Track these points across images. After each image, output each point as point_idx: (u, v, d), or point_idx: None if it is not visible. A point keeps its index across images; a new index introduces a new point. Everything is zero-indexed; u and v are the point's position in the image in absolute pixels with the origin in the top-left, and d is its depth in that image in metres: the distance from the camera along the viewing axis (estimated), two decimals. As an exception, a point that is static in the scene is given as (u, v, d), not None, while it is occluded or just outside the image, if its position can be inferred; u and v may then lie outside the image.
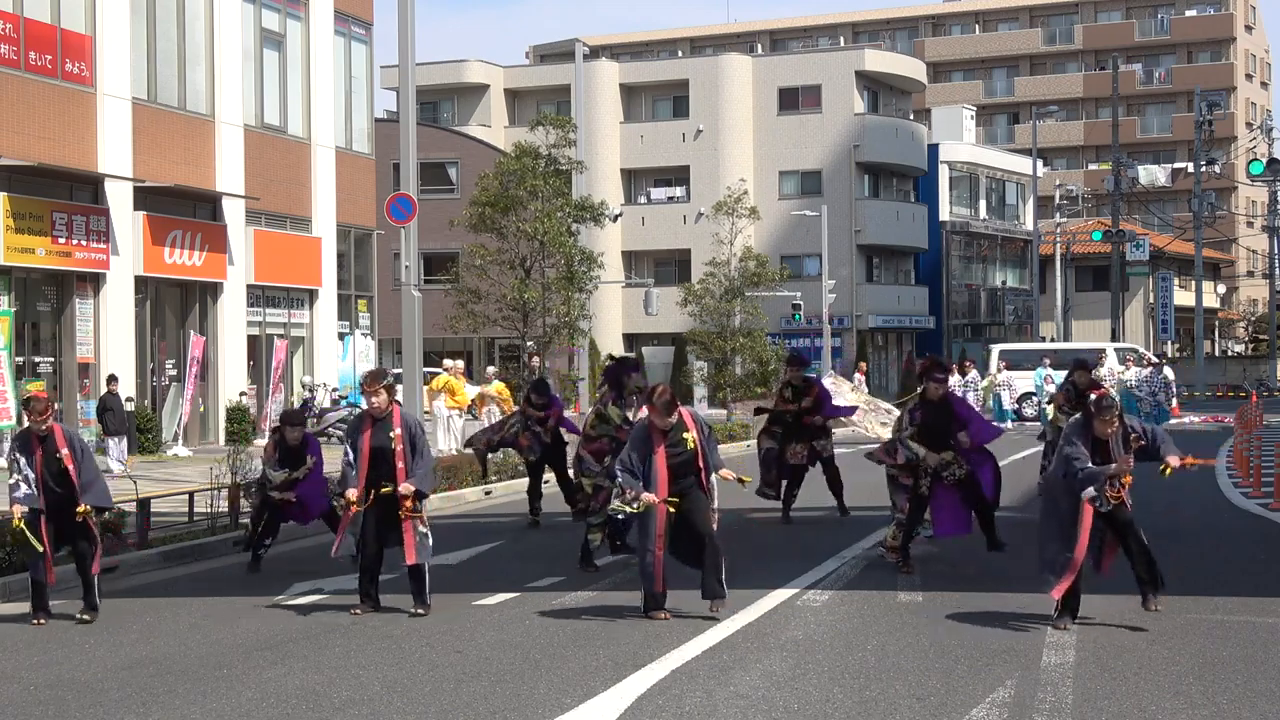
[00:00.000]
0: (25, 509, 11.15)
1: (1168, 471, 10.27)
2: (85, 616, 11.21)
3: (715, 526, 10.85)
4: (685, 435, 10.70)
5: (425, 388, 25.62)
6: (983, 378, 40.18)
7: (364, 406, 11.52)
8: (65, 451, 11.28)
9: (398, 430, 11.15)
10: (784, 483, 16.99)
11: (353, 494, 11.09)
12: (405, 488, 11.07)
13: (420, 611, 11.04)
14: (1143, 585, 10.26)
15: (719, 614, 10.55)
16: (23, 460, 11.24)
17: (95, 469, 11.59)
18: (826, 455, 17.07)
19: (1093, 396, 10.64)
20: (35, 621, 11.18)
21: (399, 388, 14.66)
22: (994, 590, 11.64)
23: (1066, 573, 9.90)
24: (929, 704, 8.02)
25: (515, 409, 18.74)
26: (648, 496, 10.55)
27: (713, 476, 10.86)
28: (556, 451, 17.47)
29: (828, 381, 30.53)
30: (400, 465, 11.11)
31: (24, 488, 11.20)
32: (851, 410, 20.47)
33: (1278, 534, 15.80)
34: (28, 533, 11.14)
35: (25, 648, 10.20)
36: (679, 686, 8.50)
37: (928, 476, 12.92)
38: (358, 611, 11.05)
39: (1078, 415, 10.52)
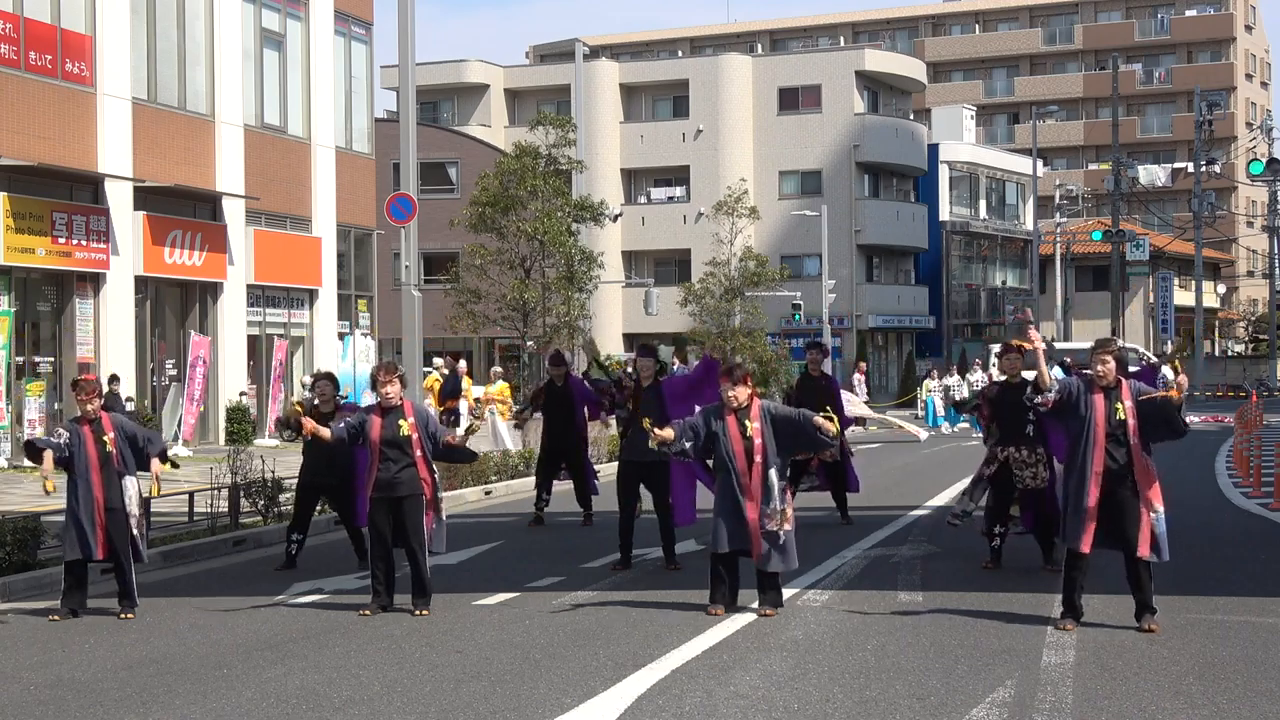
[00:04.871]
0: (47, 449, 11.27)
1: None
2: (127, 615, 11.28)
3: (788, 525, 10.76)
4: (747, 424, 10.71)
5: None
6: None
7: (369, 401, 11.49)
8: (111, 435, 11.34)
9: (410, 419, 11.12)
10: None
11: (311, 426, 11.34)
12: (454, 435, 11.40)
13: (423, 611, 11.06)
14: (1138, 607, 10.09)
15: (769, 613, 10.64)
16: (66, 432, 11.35)
17: (147, 433, 11.79)
18: (831, 458, 16.76)
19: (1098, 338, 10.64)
20: (52, 617, 11.21)
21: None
22: (994, 590, 11.64)
23: (1085, 525, 9.89)
24: (929, 704, 8.02)
25: (517, 407, 18.58)
26: (662, 433, 10.70)
27: (770, 472, 10.69)
28: (576, 443, 17.38)
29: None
30: (419, 454, 11.08)
31: (55, 439, 11.30)
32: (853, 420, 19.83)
33: (1278, 534, 15.80)
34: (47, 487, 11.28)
35: (25, 648, 10.20)
36: (679, 686, 8.49)
37: (996, 464, 12.84)
38: (366, 613, 11.02)
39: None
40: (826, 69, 61.32)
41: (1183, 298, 70.93)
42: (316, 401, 13.86)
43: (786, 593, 11.49)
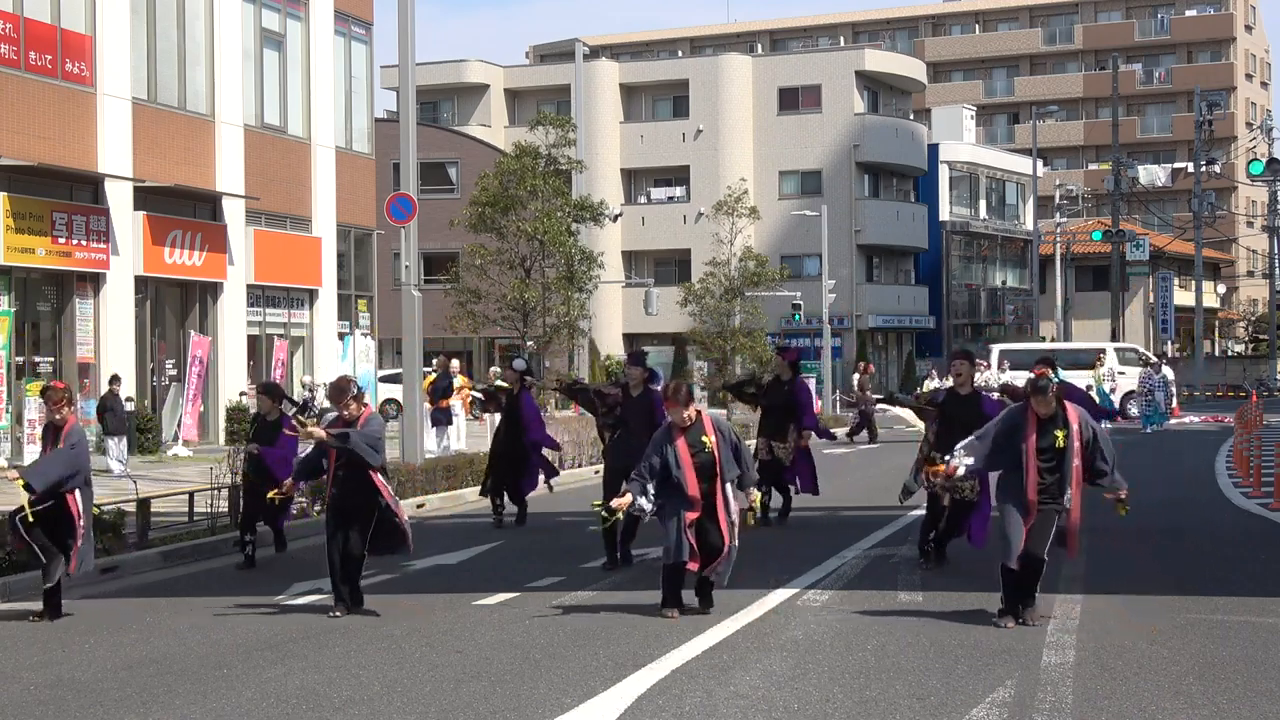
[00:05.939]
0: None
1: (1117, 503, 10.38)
2: (33, 618, 11.20)
3: (734, 534, 10.77)
4: (704, 439, 10.69)
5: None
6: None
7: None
8: (64, 445, 11.29)
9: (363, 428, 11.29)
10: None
11: (287, 483, 12.14)
12: (313, 431, 11.29)
13: (338, 613, 11.06)
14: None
15: (708, 612, 10.66)
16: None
17: (64, 461, 11.17)
18: (780, 455, 16.48)
19: (1032, 375, 10.68)
20: (31, 618, 11.22)
21: (398, 387, 14.94)
22: (994, 590, 11.60)
23: (1015, 547, 10.04)
24: (929, 704, 8.02)
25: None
26: (619, 502, 10.66)
27: (728, 486, 10.76)
28: (523, 452, 17.38)
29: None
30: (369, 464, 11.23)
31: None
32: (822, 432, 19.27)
33: (1278, 534, 15.80)
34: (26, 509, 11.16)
35: (25, 648, 10.20)
36: (679, 686, 8.49)
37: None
38: (337, 614, 11.03)
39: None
40: (826, 69, 61.32)
41: (1183, 298, 70.90)
42: (263, 411, 14.68)
43: (787, 592, 11.53)
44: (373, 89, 37.29)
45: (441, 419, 26.60)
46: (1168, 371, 38.48)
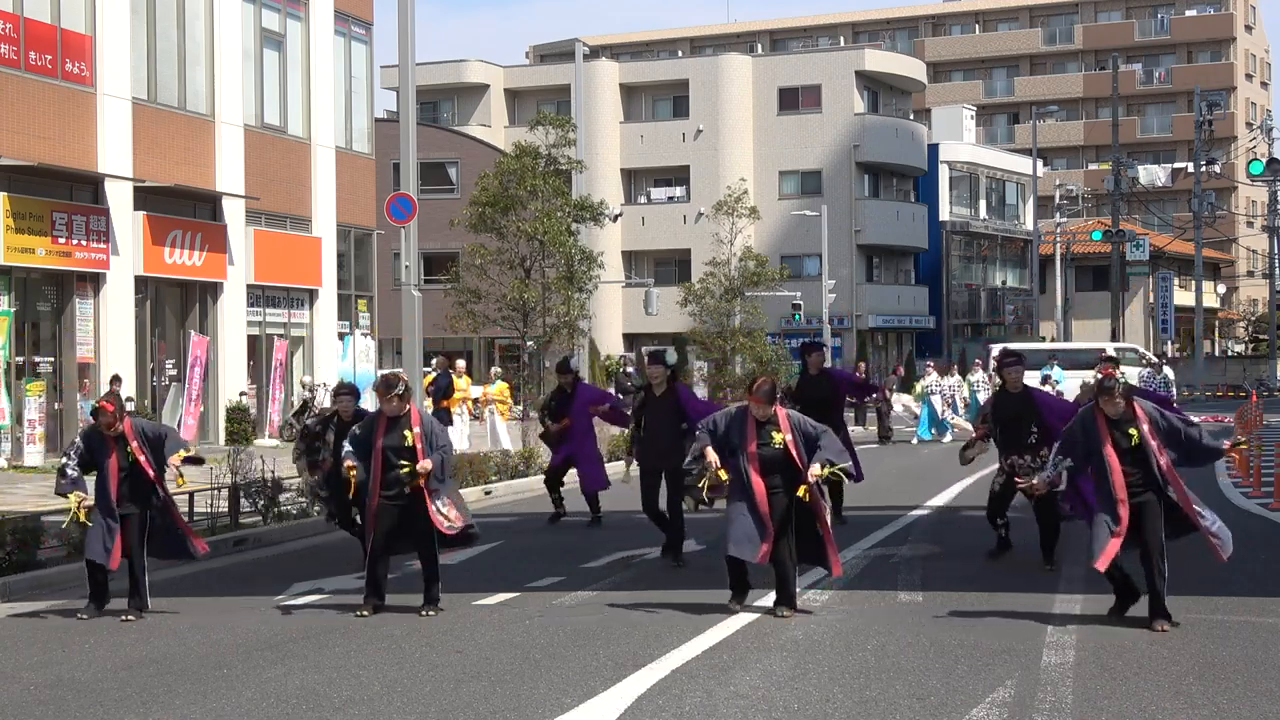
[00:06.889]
0: (77, 493, 11.27)
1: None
2: (130, 616, 11.20)
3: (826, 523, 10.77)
4: (775, 435, 10.61)
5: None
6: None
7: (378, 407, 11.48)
8: (135, 444, 11.26)
9: (416, 429, 11.12)
10: None
11: (350, 463, 11.18)
12: (423, 465, 10.99)
13: (430, 613, 11.03)
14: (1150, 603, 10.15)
15: (788, 618, 10.56)
16: (78, 448, 11.35)
17: (175, 434, 11.71)
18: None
19: (1099, 376, 10.70)
20: (80, 616, 11.25)
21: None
22: (994, 590, 11.64)
23: (1112, 538, 9.95)
24: (929, 704, 8.02)
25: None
26: (711, 457, 10.66)
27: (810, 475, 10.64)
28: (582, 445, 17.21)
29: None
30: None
31: (70, 473, 11.32)
32: (871, 390, 19.48)
33: (1278, 534, 15.80)
34: (80, 516, 11.21)
35: (25, 647, 10.20)
36: (679, 686, 8.49)
37: (1003, 474, 12.93)
38: (365, 614, 10.98)
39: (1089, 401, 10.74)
40: (826, 69, 61.34)
41: (1183, 298, 70.91)
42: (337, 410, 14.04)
43: (786, 592, 11.52)
44: (373, 89, 37.30)
45: (441, 419, 26.52)
46: (1168, 372, 38.44)
